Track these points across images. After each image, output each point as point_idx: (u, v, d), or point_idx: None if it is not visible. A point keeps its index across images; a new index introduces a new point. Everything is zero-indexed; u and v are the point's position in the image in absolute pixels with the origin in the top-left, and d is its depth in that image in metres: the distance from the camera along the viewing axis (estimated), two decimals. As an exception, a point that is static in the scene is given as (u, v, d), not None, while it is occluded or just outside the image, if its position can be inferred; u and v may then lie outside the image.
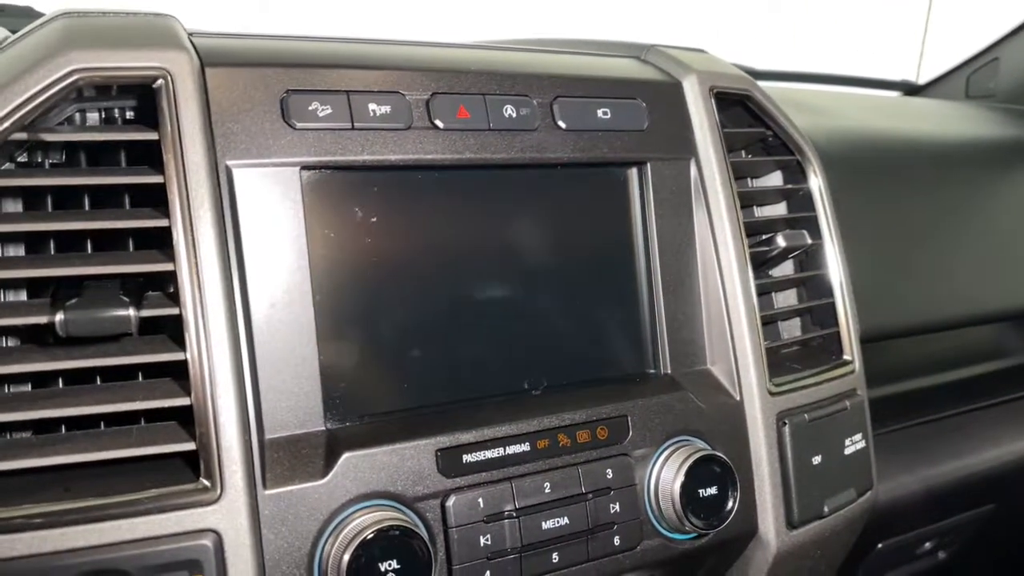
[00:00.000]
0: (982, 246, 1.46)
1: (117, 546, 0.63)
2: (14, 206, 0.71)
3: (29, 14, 1.27)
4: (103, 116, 0.72)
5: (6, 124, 0.64)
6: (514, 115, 0.83)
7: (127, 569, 0.63)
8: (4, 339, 0.69)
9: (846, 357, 1.01)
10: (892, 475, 1.22)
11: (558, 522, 0.78)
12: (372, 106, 0.77)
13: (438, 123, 0.79)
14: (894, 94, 2.07)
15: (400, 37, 0.89)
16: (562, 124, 0.85)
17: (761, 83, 1.03)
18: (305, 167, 0.74)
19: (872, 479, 1.01)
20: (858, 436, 0.99)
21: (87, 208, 0.72)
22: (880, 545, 1.32)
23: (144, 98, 0.71)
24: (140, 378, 0.71)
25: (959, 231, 1.44)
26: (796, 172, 1.03)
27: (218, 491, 0.66)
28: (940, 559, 1.49)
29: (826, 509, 0.94)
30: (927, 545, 1.44)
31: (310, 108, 0.74)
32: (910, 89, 2.08)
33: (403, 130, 0.78)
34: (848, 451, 0.97)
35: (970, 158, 1.53)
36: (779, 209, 1.04)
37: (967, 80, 1.98)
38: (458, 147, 0.80)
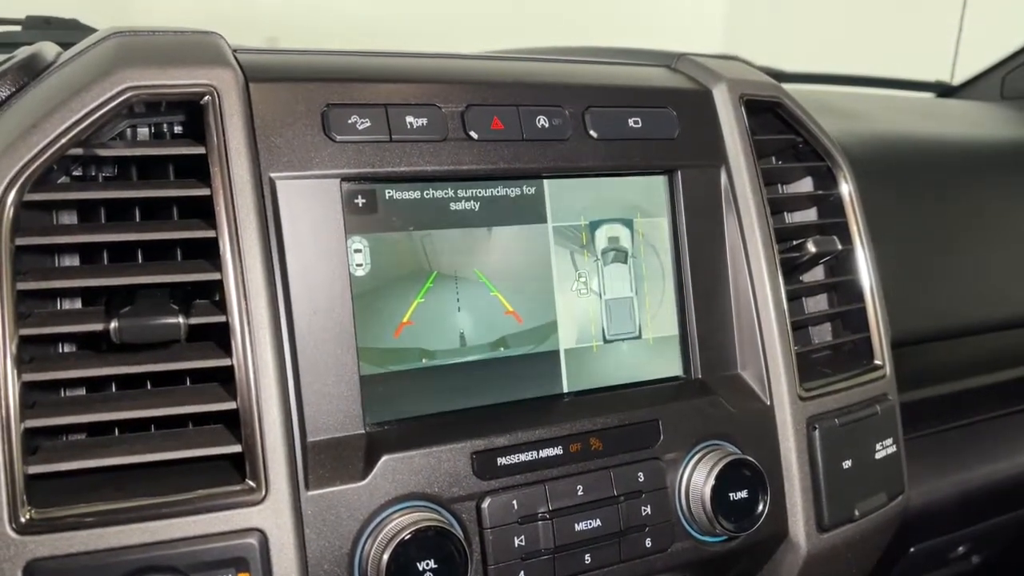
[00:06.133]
0: (1016, 250, 1.45)
1: (168, 544, 0.65)
2: (69, 218, 0.74)
3: (76, 27, 1.31)
4: (152, 131, 0.75)
5: (63, 140, 0.67)
6: (547, 125, 0.85)
7: (177, 566, 0.65)
8: (61, 345, 0.73)
9: (877, 362, 1.01)
10: (925, 479, 1.22)
11: (590, 524, 0.80)
12: (409, 119, 0.79)
13: (473, 134, 0.81)
14: (927, 95, 2.05)
15: (435, 50, 0.91)
16: (594, 133, 0.87)
17: (791, 85, 1.04)
18: (345, 179, 0.76)
19: (903, 483, 1.01)
20: (889, 440, 0.99)
21: (138, 220, 0.75)
22: (913, 549, 1.32)
23: (192, 113, 0.74)
24: (188, 383, 0.73)
25: (993, 234, 1.43)
26: (826, 178, 1.03)
27: (263, 492, 0.68)
28: (974, 563, 1.49)
29: (857, 513, 0.95)
30: (960, 549, 1.44)
31: (349, 121, 0.76)
32: (944, 90, 2.06)
33: (439, 142, 0.80)
34: (879, 455, 0.98)
35: (1005, 160, 1.52)
36: (810, 215, 1.05)
37: (1002, 81, 1.95)
38: (492, 157, 0.82)
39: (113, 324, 0.67)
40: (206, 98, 0.71)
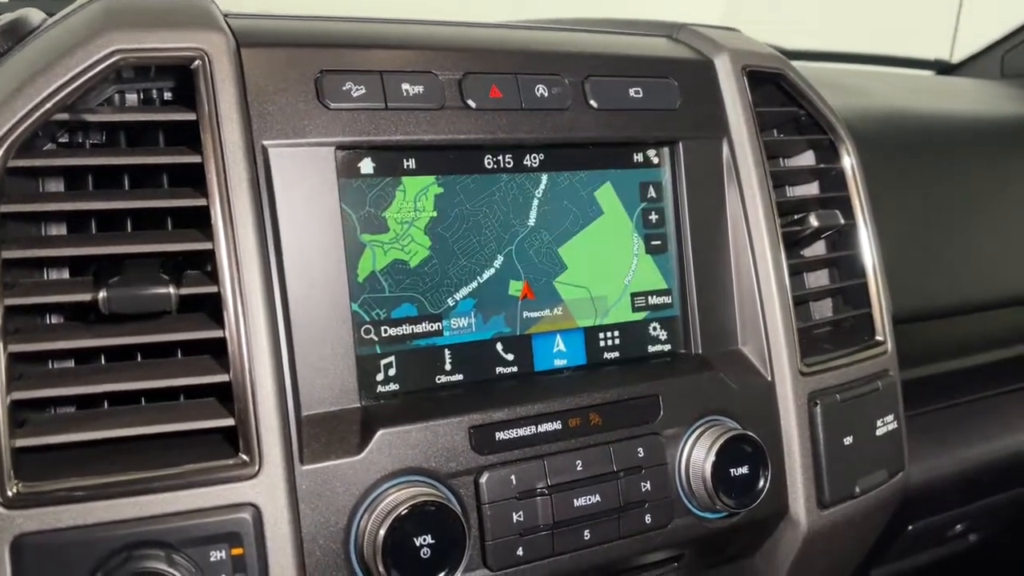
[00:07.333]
0: (1016, 227, 1.44)
1: (159, 518, 0.64)
2: (56, 186, 0.72)
3: (62, -2, 1.29)
4: (141, 97, 0.73)
5: (48, 105, 0.65)
6: (546, 94, 0.83)
7: (169, 541, 0.64)
8: (48, 316, 0.71)
9: (878, 338, 1.00)
10: (924, 457, 1.22)
11: (590, 499, 0.79)
12: (405, 86, 0.77)
13: (470, 103, 0.79)
14: (927, 73, 2.04)
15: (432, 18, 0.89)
16: (594, 103, 0.85)
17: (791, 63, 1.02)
18: (340, 147, 0.74)
19: (904, 460, 1.01)
20: (890, 417, 0.98)
21: (127, 188, 0.73)
22: (910, 527, 1.32)
23: (182, 79, 0.72)
24: (179, 355, 0.72)
25: (992, 212, 1.42)
26: (829, 151, 1.02)
27: (257, 466, 0.67)
28: (971, 542, 1.49)
29: (857, 489, 0.94)
30: (958, 527, 1.43)
31: (344, 88, 0.75)
32: (943, 68, 2.05)
33: (436, 110, 0.78)
34: (880, 432, 0.97)
35: (1005, 138, 1.51)
36: (811, 189, 1.04)
37: (1002, 59, 1.94)
38: (490, 127, 0.80)
39: (101, 294, 0.65)
40: (196, 63, 0.69)
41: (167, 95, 0.74)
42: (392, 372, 0.77)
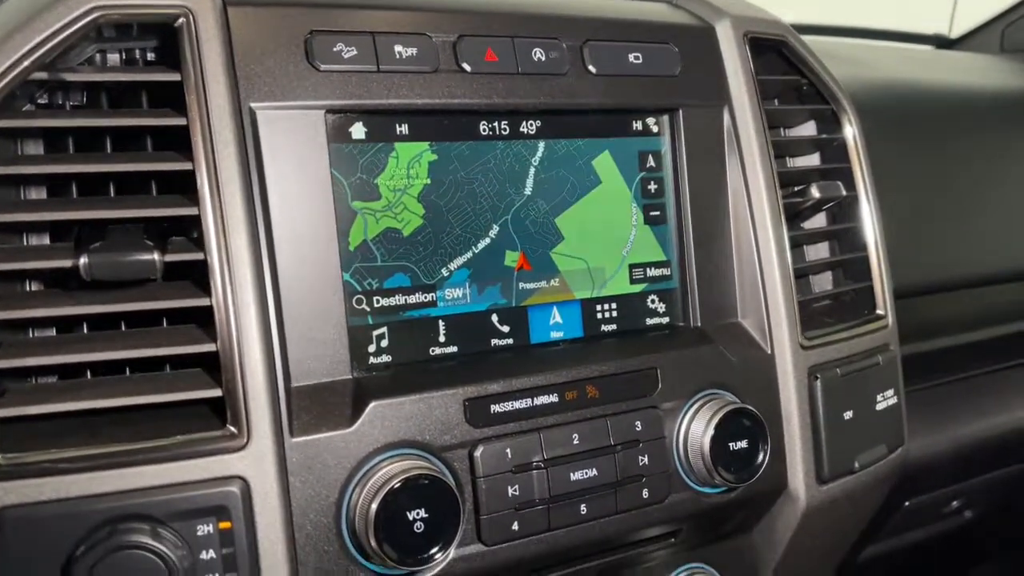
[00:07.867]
0: (1015, 202, 1.42)
1: (144, 491, 0.62)
2: (35, 148, 0.70)
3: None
4: (124, 57, 0.71)
5: (26, 63, 0.62)
6: (543, 59, 0.80)
7: (154, 514, 0.62)
8: (28, 283, 0.69)
9: (879, 312, 0.99)
10: (921, 433, 1.21)
11: (586, 473, 0.77)
12: (398, 48, 0.74)
13: (465, 66, 0.77)
14: (926, 48, 2.01)
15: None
16: (592, 69, 0.82)
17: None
18: (330, 110, 0.72)
19: (903, 435, 0.99)
20: (890, 392, 0.97)
21: (109, 151, 0.70)
22: (907, 503, 1.31)
23: (166, 38, 0.69)
24: (165, 324, 0.70)
25: (992, 186, 1.40)
26: (831, 121, 1.00)
27: (245, 438, 0.65)
28: (967, 518, 1.48)
29: (856, 465, 0.93)
30: (954, 504, 1.43)
31: (334, 49, 0.72)
32: (942, 43, 2.03)
33: (430, 73, 0.76)
34: (880, 407, 0.95)
35: (1005, 112, 1.49)
36: (813, 160, 1.02)
37: (1002, 33, 1.92)
38: (486, 91, 0.78)
39: (83, 260, 0.63)
40: (180, 20, 0.67)
41: (151, 55, 0.71)
42: (384, 343, 0.75)
